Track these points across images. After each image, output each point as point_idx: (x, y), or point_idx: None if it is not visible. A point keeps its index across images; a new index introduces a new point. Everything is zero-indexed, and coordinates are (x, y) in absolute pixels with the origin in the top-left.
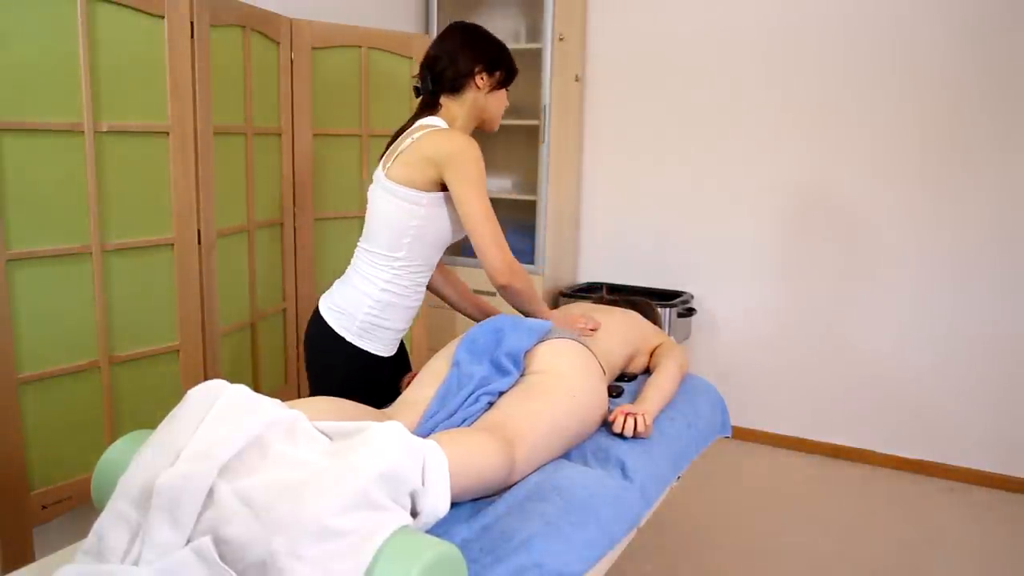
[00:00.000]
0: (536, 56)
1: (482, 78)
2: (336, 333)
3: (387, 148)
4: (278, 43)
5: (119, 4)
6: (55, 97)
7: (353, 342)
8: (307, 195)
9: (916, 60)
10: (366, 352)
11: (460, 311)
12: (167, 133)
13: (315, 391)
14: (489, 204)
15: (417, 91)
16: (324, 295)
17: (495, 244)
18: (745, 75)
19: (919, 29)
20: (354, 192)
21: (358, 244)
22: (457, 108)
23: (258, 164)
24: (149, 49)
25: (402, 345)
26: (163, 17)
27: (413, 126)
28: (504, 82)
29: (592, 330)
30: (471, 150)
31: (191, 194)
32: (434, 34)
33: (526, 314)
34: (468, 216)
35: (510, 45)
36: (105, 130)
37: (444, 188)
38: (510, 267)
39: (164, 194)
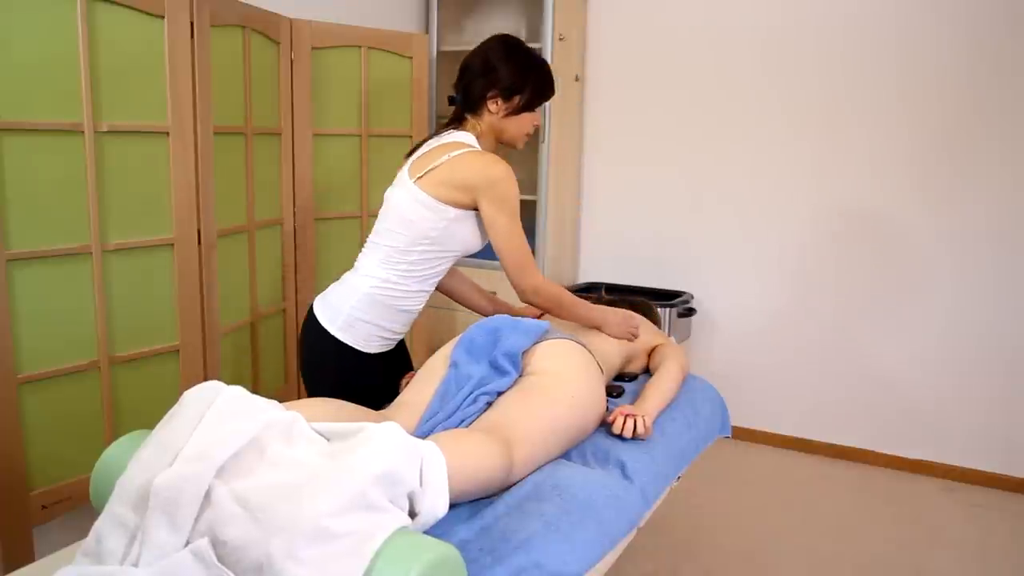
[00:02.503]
0: None
1: (496, 103)
2: (322, 327)
3: (413, 150)
4: (278, 43)
5: (119, 4)
6: (55, 97)
7: (336, 335)
8: (307, 195)
9: (920, 62)
10: (350, 347)
11: (470, 307)
12: (167, 133)
13: (308, 387)
14: (519, 229)
15: (451, 100)
16: (320, 294)
17: (521, 269)
18: (746, 75)
19: (927, 30)
20: (354, 192)
21: (366, 241)
22: (478, 123)
23: (258, 164)
24: (149, 49)
25: (402, 345)
26: (163, 17)
27: (446, 139)
28: (526, 106)
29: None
30: (506, 179)
31: (191, 194)
32: (434, 34)
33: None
34: (498, 241)
35: None
36: (105, 130)
37: (473, 208)
38: (534, 289)
39: (164, 194)
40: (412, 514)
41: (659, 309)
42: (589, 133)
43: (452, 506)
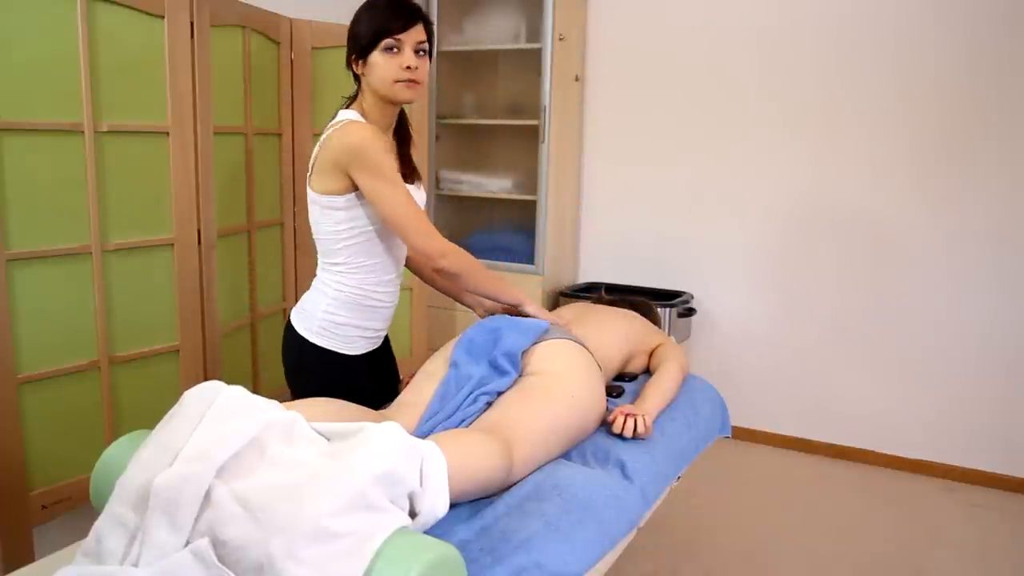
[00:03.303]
0: (536, 56)
1: (356, 65)
2: (299, 334)
3: None
4: (278, 43)
5: (119, 4)
6: (55, 97)
7: (315, 341)
8: (307, 195)
9: (919, 62)
10: (329, 351)
11: (461, 301)
12: (167, 133)
13: (294, 396)
14: (402, 190)
15: None
16: (296, 304)
17: (420, 232)
18: (746, 75)
19: (926, 30)
20: None
21: None
22: (362, 99)
23: (258, 164)
24: (149, 49)
25: (386, 345)
26: (163, 17)
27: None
28: (367, 49)
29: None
30: (366, 142)
31: (191, 194)
32: (434, 34)
33: (488, 298)
34: (382, 210)
35: (510, 45)
36: (105, 130)
37: (352, 187)
38: (442, 252)
39: (164, 194)
40: (412, 514)
41: (659, 309)
42: (589, 133)
43: (452, 506)
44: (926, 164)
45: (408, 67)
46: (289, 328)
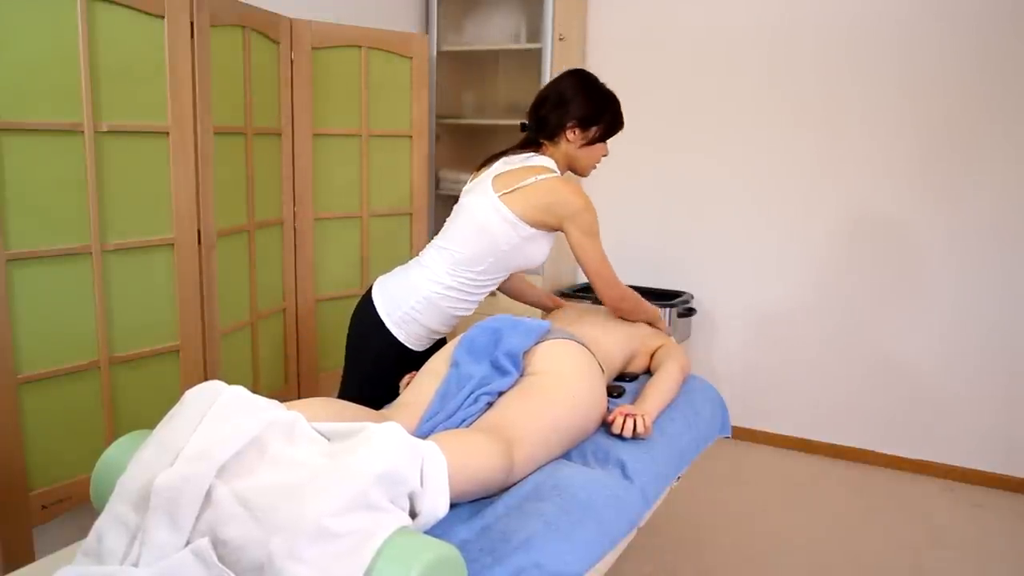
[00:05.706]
0: (536, 56)
1: (574, 132)
2: (378, 316)
3: (485, 163)
4: (278, 43)
5: (119, 4)
6: (55, 97)
7: (390, 329)
8: (307, 195)
9: (925, 58)
10: (398, 341)
11: (526, 302)
12: (167, 133)
13: (348, 365)
14: (602, 248)
15: (523, 127)
16: (382, 276)
17: (609, 285)
18: (746, 75)
19: (928, 26)
20: (354, 192)
21: (434, 241)
22: (554, 151)
23: (258, 164)
24: (149, 49)
25: (442, 343)
26: (163, 17)
27: (531, 162)
28: (600, 138)
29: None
30: (591, 207)
31: (191, 194)
32: (434, 34)
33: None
34: (588, 262)
35: (510, 45)
36: (105, 130)
37: (552, 230)
38: (621, 297)
39: (164, 194)
40: (413, 514)
41: (659, 309)
42: None
43: (452, 506)
44: (930, 162)
45: (605, 156)
46: (370, 304)
